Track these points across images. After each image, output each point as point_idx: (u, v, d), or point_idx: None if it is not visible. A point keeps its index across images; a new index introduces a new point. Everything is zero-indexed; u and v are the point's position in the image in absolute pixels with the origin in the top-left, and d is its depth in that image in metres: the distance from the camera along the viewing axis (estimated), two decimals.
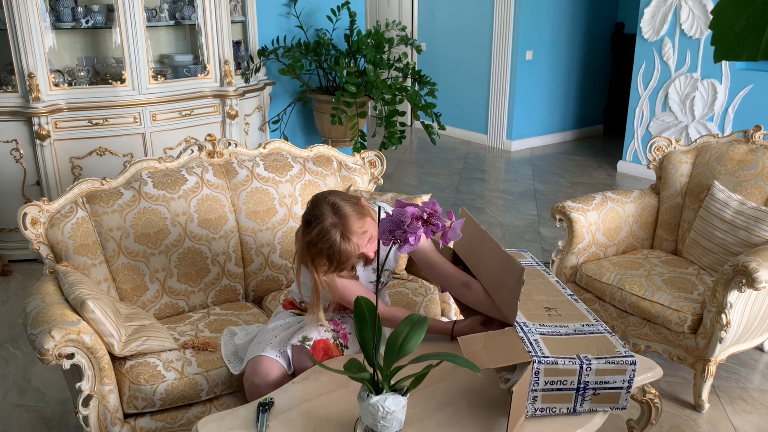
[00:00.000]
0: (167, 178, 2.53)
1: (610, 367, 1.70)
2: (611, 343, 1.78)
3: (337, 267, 1.88)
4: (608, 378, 1.71)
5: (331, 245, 1.83)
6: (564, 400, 1.71)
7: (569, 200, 2.98)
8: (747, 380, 2.82)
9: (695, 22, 5.25)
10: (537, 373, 1.67)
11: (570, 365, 1.68)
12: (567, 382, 1.69)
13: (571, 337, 1.78)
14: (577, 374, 1.68)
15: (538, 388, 1.69)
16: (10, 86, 3.82)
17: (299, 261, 1.95)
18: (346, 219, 1.86)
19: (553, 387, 1.69)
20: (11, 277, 3.88)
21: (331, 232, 1.83)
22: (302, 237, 1.90)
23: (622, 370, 1.71)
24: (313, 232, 1.84)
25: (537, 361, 1.67)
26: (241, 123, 4.52)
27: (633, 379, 1.73)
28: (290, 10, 5.22)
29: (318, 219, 1.85)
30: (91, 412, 1.99)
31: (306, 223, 1.90)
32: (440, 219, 1.55)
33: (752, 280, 2.28)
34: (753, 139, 2.97)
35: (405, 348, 1.64)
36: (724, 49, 0.80)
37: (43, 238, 2.28)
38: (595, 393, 1.72)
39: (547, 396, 1.70)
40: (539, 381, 1.68)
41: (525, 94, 6.81)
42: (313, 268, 1.90)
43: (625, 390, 1.73)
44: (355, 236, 1.86)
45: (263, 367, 1.96)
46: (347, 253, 1.85)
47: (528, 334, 1.77)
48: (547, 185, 5.71)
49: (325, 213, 1.86)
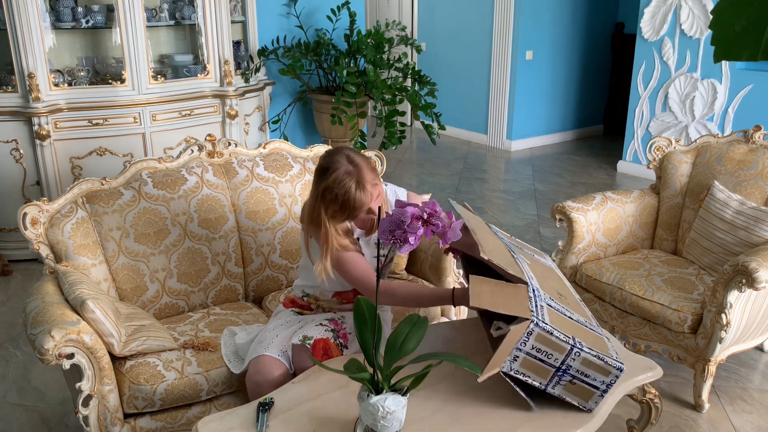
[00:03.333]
0: (167, 178, 2.53)
1: (597, 362, 1.69)
2: (606, 346, 1.77)
3: (349, 215, 1.93)
4: (591, 372, 1.70)
5: (347, 191, 1.89)
6: (541, 374, 1.70)
7: (569, 200, 2.98)
8: (747, 380, 2.82)
9: (695, 22, 5.25)
10: (530, 334, 1.64)
11: (562, 342, 1.66)
12: (552, 357, 1.67)
13: (573, 322, 1.78)
14: (564, 354, 1.67)
15: (524, 350, 1.66)
16: (10, 86, 3.82)
17: (309, 219, 1.99)
18: (360, 169, 1.93)
19: (537, 356, 1.67)
20: (11, 277, 3.88)
21: (347, 179, 1.90)
22: (317, 184, 1.95)
23: (607, 372, 1.70)
24: (329, 178, 1.91)
25: (535, 322, 1.64)
26: (241, 123, 4.52)
27: (612, 385, 1.72)
28: (290, 10, 5.22)
29: (334, 166, 1.92)
30: (91, 412, 1.99)
31: (321, 171, 1.95)
32: (440, 219, 1.55)
33: (752, 280, 2.28)
34: (753, 139, 2.98)
35: (405, 348, 1.64)
36: (724, 49, 0.80)
37: (43, 238, 2.28)
38: (572, 381, 1.71)
39: (527, 362, 1.68)
40: (528, 343, 1.66)
41: (525, 94, 6.81)
42: (326, 218, 1.94)
43: (600, 392, 1.73)
44: (368, 185, 1.92)
45: (265, 367, 1.97)
46: (360, 201, 1.91)
47: (537, 298, 1.75)
48: (547, 185, 5.71)
49: (341, 161, 1.93)
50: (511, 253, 1.92)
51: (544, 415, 1.76)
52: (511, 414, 1.76)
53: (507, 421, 1.74)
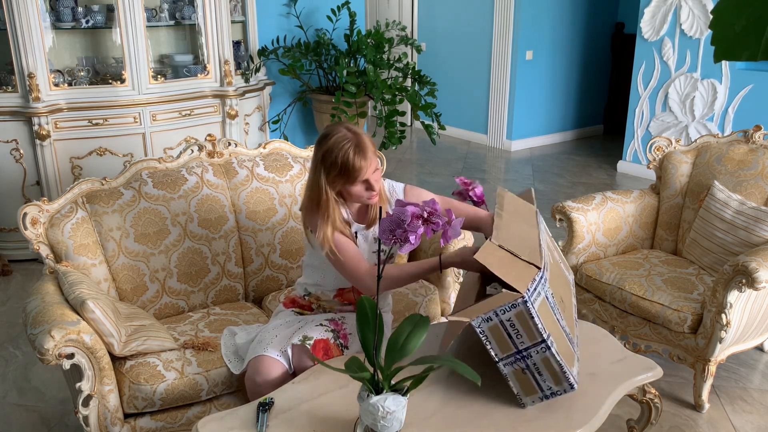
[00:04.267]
0: (167, 178, 2.53)
1: (556, 368, 1.70)
2: (573, 362, 1.79)
3: (348, 179, 1.98)
4: (545, 373, 1.71)
5: (346, 153, 1.95)
6: (502, 346, 1.70)
7: (569, 200, 2.98)
8: (747, 380, 2.82)
9: (695, 22, 5.25)
10: (513, 306, 1.64)
11: (537, 332, 1.66)
12: (520, 339, 1.68)
13: (558, 326, 1.78)
14: (533, 342, 1.67)
15: (501, 317, 1.67)
16: (10, 86, 3.82)
17: (309, 192, 2.04)
18: (359, 136, 2.01)
19: (508, 330, 1.68)
20: (11, 277, 3.88)
21: (346, 143, 1.97)
22: (317, 152, 2.02)
23: (559, 381, 1.72)
24: (330, 141, 1.98)
25: (525, 299, 1.64)
26: (241, 123, 4.52)
27: (556, 396, 1.75)
28: (290, 10, 5.22)
29: (334, 132, 2.01)
30: (91, 412, 1.99)
31: (322, 138, 2.03)
32: (440, 217, 1.55)
33: (752, 280, 2.28)
34: (753, 139, 2.98)
35: (406, 348, 1.64)
36: (724, 49, 0.80)
37: (43, 238, 2.28)
38: (524, 371, 1.72)
39: (496, 329, 1.68)
40: (507, 313, 1.66)
41: (525, 94, 6.81)
42: (326, 184, 1.99)
43: (541, 395, 1.75)
44: (368, 152, 1.98)
45: (265, 367, 1.97)
46: (359, 166, 1.96)
47: (540, 285, 1.73)
48: (547, 185, 5.71)
49: (340, 129, 2.03)
50: (540, 247, 1.92)
51: (544, 415, 1.76)
52: (511, 414, 1.76)
53: (507, 421, 1.74)
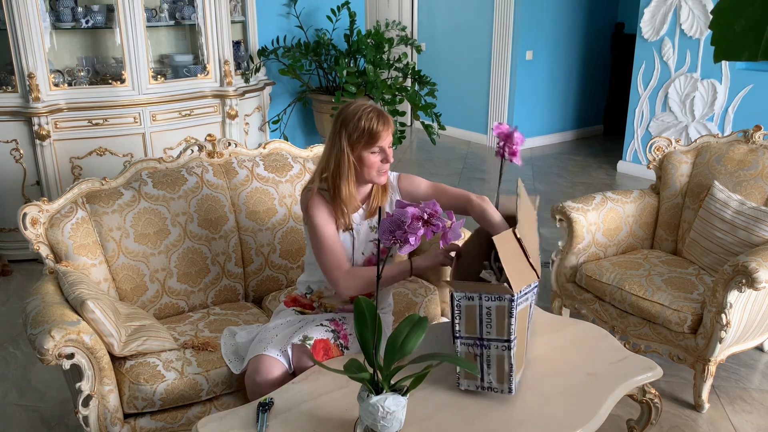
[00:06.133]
0: (167, 178, 2.53)
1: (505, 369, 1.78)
2: (521, 370, 1.88)
3: (368, 142, 2.00)
4: (493, 368, 1.79)
5: (369, 116, 2.00)
6: (468, 327, 1.77)
7: (569, 200, 2.98)
8: (747, 380, 2.82)
9: (695, 22, 5.25)
10: (498, 299, 1.71)
11: (507, 331, 1.73)
12: (488, 328, 1.74)
13: (526, 333, 1.88)
14: (497, 337, 1.75)
15: (481, 302, 1.73)
16: (10, 86, 3.82)
17: (329, 148, 2.05)
18: (380, 109, 2.07)
19: (482, 316, 1.74)
20: (11, 277, 3.88)
21: (368, 109, 2.02)
22: (338, 118, 2.05)
23: (501, 381, 1.80)
24: (352, 107, 2.03)
25: (511, 299, 1.70)
26: (241, 123, 4.52)
27: (489, 390, 1.81)
28: (290, 10, 5.22)
29: (356, 102, 2.07)
30: (91, 412, 1.99)
31: (344, 107, 2.07)
32: (441, 219, 1.55)
33: (752, 280, 2.28)
34: (753, 139, 2.97)
35: (405, 348, 1.64)
36: (724, 49, 0.80)
37: (43, 238, 2.28)
38: (476, 356, 1.78)
39: (471, 310, 1.75)
40: (488, 303, 1.72)
41: (525, 94, 6.81)
42: (346, 144, 2.01)
43: (479, 386, 1.82)
44: (389, 121, 2.03)
45: (264, 366, 1.97)
46: (379, 131, 2.00)
47: (531, 291, 1.81)
48: (547, 185, 5.71)
49: (361, 100, 2.10)
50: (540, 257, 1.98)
51: (544, 415, 1.76)
52: (510, 414, 1.76)
53: (507, 421, 1.74)
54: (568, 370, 1.94)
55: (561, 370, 1.95)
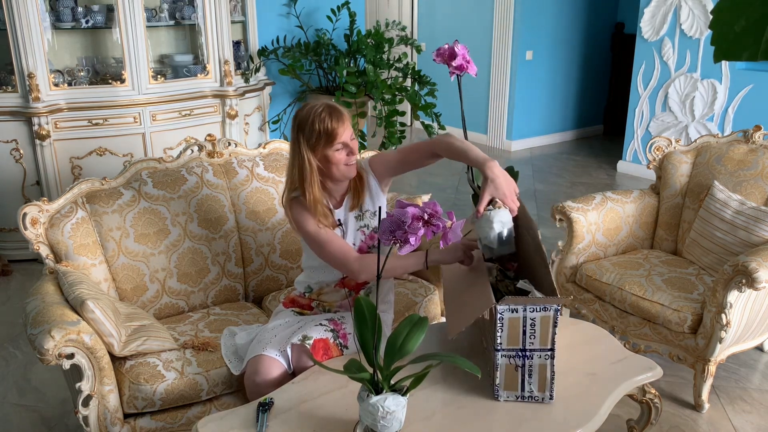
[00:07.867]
0: (167, 178, 2.53)
1: (548, 376, 1.78)
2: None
3: (327, 142, 2.02)
4: (534, 377, 1.79)
5: (322, 118, 2.02)
6: (510, 339, 1.77)
7: (569, 200, 2.98)
8: (747, 380, 2.82)
9: (695, 22, 5.25)
10: (545, 309, 1.73)
11: (551, 340, 1.76)
12: (532, 339, 1.75)
13: None
14: (541, 347, 1.76)
15: (525, 314, 1.74)
16: (10, 86, 3.82)
17: (292, 158, 2.08)
18: (331, 104, 2.09)
19: (525, 327, 1.74)
20: (11, 277, 3.88)
21: (319, 109, 2.04)
22: (294, 126, 2.08)
23: (544, 389, 1.80)
24: (303, 111, 2.06)
25: (557, 308, 1.72)
26: (241, 123, 4.52)
27: (530, 400, 1.80)
28: (290, 10, 5.22)
29: (307, 105, 2.09)
30: (91, 412, 1.99)
31: (297, 112, 2.09)
32: (441, 219, 1.55)
33: (752, 280, 2.28)
34: (753, 139, 2.97)
35: (405, 348, 1.64)
36: (724, 49, 0.80)
37: (43, 238, 2.28)
38: (517, 368, 1.79)
39: (514, 322, 1.75)
40: (534, 312, 1.73)
41: (525, 94, 6.81)
42: (306, 150, 2.03)
43: (519, 394, 1.81)
44: (343, 115, 2.05)
45: (264, 367, 1.97)
46: (335, 128, 2.01)
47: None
48: (547, 185, 5.71)
49: (312, 102, 2.12)
50: None
51: (544, 415, 1.76)
52: (510, 414, 1.76)
53: (507, 421, 1.74)
54: (568, 370, 1.94)
55: (561, 370, 1.95)
